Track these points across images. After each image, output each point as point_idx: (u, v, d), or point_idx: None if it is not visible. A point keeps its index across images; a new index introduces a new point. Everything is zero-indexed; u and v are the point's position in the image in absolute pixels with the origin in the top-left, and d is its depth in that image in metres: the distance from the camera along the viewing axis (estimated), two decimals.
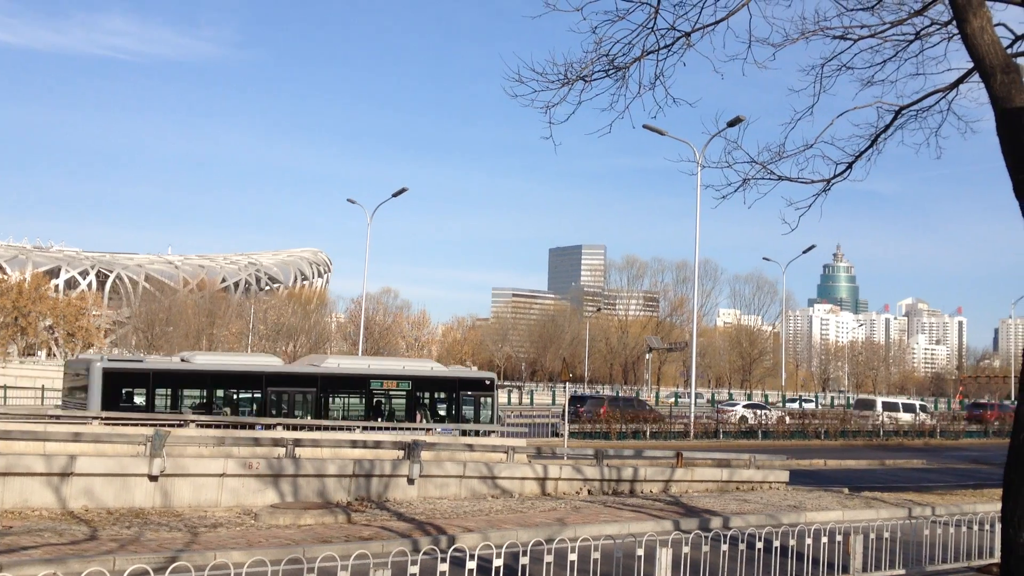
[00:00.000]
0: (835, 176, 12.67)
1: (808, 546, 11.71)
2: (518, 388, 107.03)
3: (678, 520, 17.63)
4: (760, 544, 11.27)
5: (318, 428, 28.63)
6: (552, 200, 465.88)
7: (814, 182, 12.67)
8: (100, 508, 16.16)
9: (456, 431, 30.40)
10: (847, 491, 24.52)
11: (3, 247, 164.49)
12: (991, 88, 9.30)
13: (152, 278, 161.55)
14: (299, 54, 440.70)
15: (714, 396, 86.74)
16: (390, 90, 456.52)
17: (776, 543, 11.68)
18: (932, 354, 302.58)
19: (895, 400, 71.97)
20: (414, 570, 8.47)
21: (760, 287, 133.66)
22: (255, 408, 30.30)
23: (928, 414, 64.04)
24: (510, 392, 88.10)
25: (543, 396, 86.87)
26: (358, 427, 28.95)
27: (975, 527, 14.19)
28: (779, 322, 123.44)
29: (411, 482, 19.57)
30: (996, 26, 9.74)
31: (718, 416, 53.05)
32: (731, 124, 16.89)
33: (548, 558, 9.54)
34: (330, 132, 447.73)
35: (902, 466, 37.17)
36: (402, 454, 21.62)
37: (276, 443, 22.88)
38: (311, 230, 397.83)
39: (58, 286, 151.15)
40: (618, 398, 55.33)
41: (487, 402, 33.97)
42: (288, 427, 31.58)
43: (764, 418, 51.11)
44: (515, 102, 11.56)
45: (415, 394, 32.82)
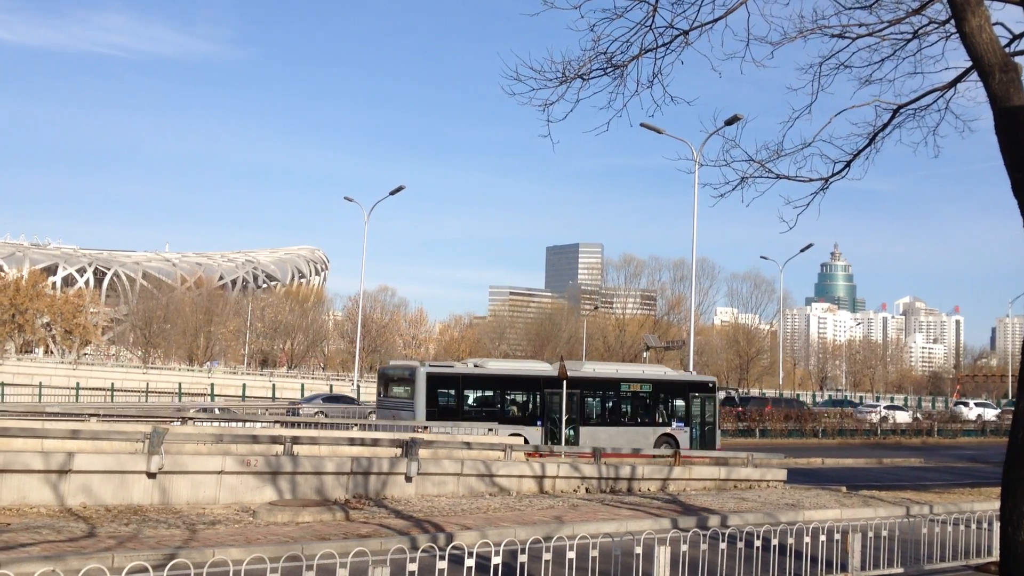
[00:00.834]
0: (833, 175, 12.66)
1: (806, 544, 11.72)
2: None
3: (676, 518, 17.65)
4: (758, 542, 11.28)
5: (316, 426, 28.64)
6: (549, 198, 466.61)
7: (812, 180, 12.66)
8: (98, 505, 16.15)
9: (689, 429, 35.45)
10: (845, 489, 24.54)
11: (0, 244, 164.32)
12: (989, 87, 9.30)
13: (149, 276, 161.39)
14: (296, 52, 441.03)
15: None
16: (387, 88, 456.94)
17: (774, 541, 11.70)
18: (929, 353, 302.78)
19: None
20: (413, 568, 8.48)
21: (758, 286, 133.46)
22: (533, 408, 33.96)
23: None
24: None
25: None
26: (617, 427, 34.58)
27: (973, 526, 14.20)
28: (776, 321, 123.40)
29: (409, 480, 19.58)
30: (994, 25, 9.73)
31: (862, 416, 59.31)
32: (729, 122, 16.86)
33: (546, 556, 9.56)
34: (327, 130, 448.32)
35: (900, 465, 37.23)
36: (400, 452, 21.63)
37: (274, 440, 22.88)
38: (308, 228, 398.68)
39: (55, 283, 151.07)
40: (780, 399, 61.02)
41: (711, 402, 36.89)
42: (286, 425, 31.62)
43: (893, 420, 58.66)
44: (513, 100, 11.56)
45: (656, 395, 36.12)
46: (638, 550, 9.99)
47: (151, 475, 16.82)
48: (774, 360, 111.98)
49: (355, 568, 8.56)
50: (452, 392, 33.14)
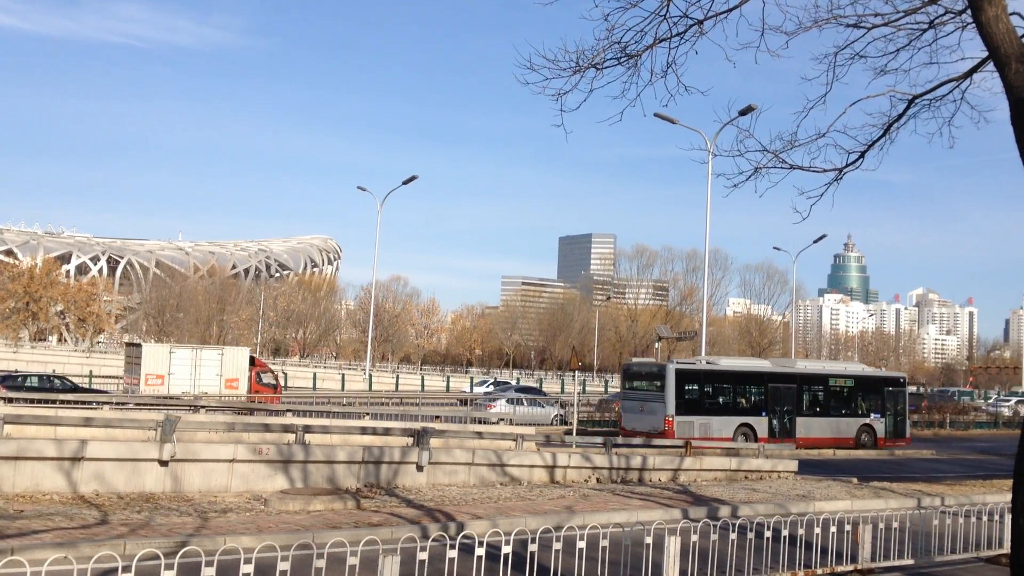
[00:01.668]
0: (847, 165, 12.58)
1: (817, 535, 11.71)
2: (528, 376, 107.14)
3: (687, 508, 17.65)
4: (768, 533, 11.26)
5: (328, 415, 28.73)
6: (562, 189, 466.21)
7: (826, 171, 12.58)
8: (111, 493, 16.24)
9: (884, 420, 38.80)
10: (856, 481, 24.50)
11: (15, 232, 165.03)
12: (1005, 77, 9.23)
13: (163, 264, 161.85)
14: (311, 42, 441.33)
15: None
16: (402, 78, 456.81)
17: (785, 532, 11.69)
18: (943, 344, 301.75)
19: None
20: (423, 556, 8.50)
21: (770, 276, 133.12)
22: (758, 401, 36.92)
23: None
24: (519, 380, 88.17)
25: (552, 384, 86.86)
26: (826, 417, 37.86)
27: (984, 517, 14.16)
28: (789, 312, 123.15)
29: (420, 469, 19.62)
30: (1011, 15, 9.66)
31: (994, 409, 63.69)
32: (743, 113, 16.77)
33: (557, 545, 9.56)
34: (341, 120, 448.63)
35: (911, 456, 37.12)
36: (411, 441, 21.68)
37: (286, 429, 22.97)
38: (321, 218, 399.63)
39: (69, 272, 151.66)
40: (942, 392, 64.36)
41: (902, 396, 40.20)
42: (297, 413, 31.74)
43: None
44: (526, 90, 11.50)
45: (856, 389, 39.40)
46: (648, 540, 9.99)
47: (163, 463, 16.90)
48: (786, 351, 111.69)
49: (365, 557, 8.59)
50: (695, 386, 36.03)
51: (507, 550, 9.14)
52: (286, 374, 70.74)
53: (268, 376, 51.59)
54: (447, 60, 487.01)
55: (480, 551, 8.89)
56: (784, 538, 11.83)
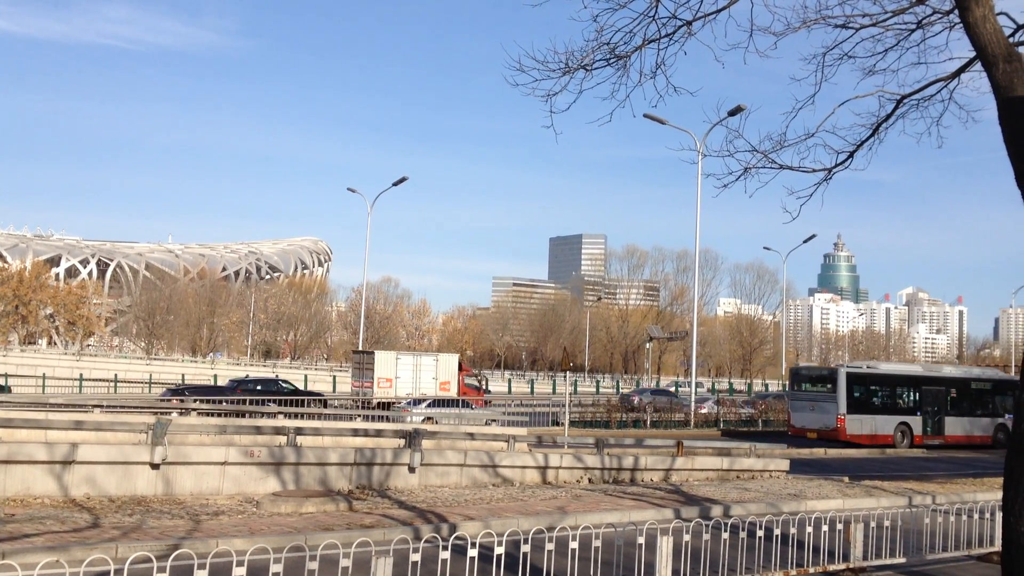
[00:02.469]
0: (837, 165, 12.63)
1: (808, 534, 11.74)
2: (519, 377, 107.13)
3: (679, 508, 17.67)
4: (760, 532, 11.30)
5: (320, 417, 28.68)
6: (553, 189, 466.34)
7: (815, 171, 12.62)
8: (102, 496, 16.19)
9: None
10: (847, 480, 24.56)
11: (4, 235, 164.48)
12: (993, 77, 9.27)
13: (153, 267, 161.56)
14: (301, 43, 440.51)
15: (714, 385, 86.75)
16: (391, 79, 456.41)
17: (776, 531, 11.71)
18: (933, 343, 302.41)
19: None
20: (415, 558, 8.51)
21: (761, 276, 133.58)
22: (913, 401, 40.26)
23: None
24: (510, 381, 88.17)
25: (544, 385, 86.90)
26: (969, 417, 41.30)
27: (976, 516, 14.21)
28: (780, 311, 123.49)
29: (412, 470, 19.61)
30: (998, 15, 9.70)
31: None
32: (732, 113, 16.84)
33: (549, 546, 9.57)
34: (331, 121, 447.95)
35: (902, 455, 37.23)
36: (403, 443, 21.67)
37: (278, 431, 22.94)
38: (312, 219, 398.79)
39: (59, 275, 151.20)
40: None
41: None
42: (289, 415, 31.69)
43: None
44: (516, 91, 11.54)
45: (993, 392, 42.42)
46: (641, 540, 10.00)
47: (155, 466, 16.86)
48: (777, 351, 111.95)
49: (358, 558, 8.59)
50: (862, 388, 39.28)
51: (500, 551, 9.15)
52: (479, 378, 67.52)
53: (472, 379, 56.96)
54: (437, 61, 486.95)
55: (473, 552, 8.90)
56: (776, 537, 11.85)
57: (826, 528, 11.96)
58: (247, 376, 59.71)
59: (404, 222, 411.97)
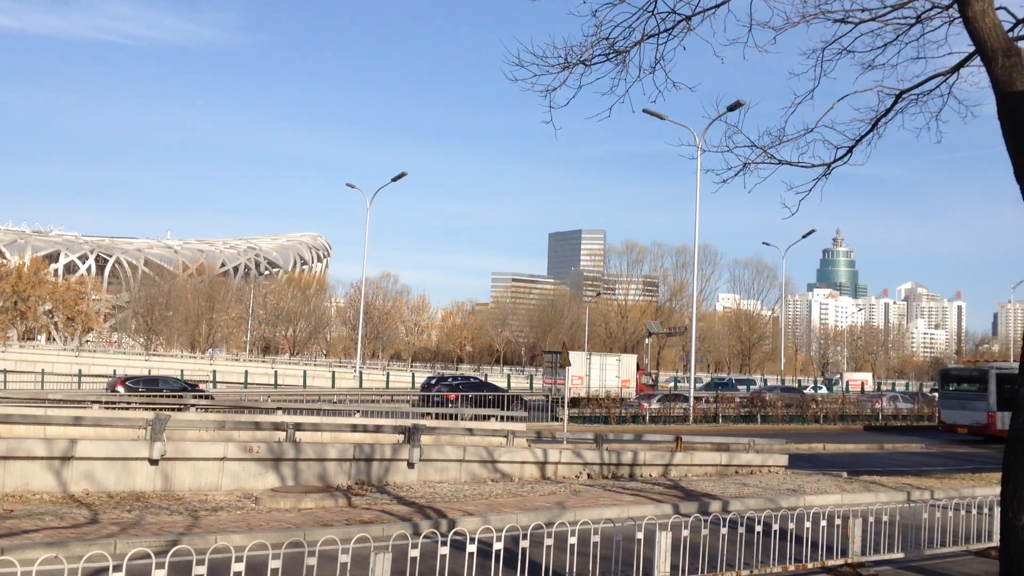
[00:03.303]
0: (835, 160, 12.62)
1: (807, 529, 11.74)
2: (518, 372, 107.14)
3: (677, 504, 17.68)
4: (759, 527, 11.29)
5: (319, 413, 28.69)
6: (552, 185, 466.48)
7: (814, 166, 12.62)
8: (101, 492, 16.20)
9: None
10: (846, 475, 24.57)
11: (2, 231, 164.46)
12: (992, 72, 9.26)
13: (151, 263, 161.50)
14: (301, 40, 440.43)
15: (713, 380, 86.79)
16: (390, 75, 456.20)
17: (775, 526, 11.72)
18: (931, 338, 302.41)
19: None
20: (414, 553, 8.51)
21: (759, 272, 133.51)
22: None
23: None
24: (509, 377, 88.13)
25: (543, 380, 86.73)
26: None
27: (974, 511, 14.22)
28: (778, 307, 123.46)
29: (411, 466, 19.62)
30: (997, 9, 9.69)
31: None
32: (731, 108, 16.87)
33: (548, 541, 9.57)
34: (330, 117, 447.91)
35: (901, 450, 37.24)
36: (402, 438, 21.67)
37: (277, 427, 22.94)
38: (311, 215, 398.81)
39: (57, 270, 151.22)
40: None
41: None
42: (288, 411, 31.72)
43: None
44: (515, 86, 11.56)
45: None
46: (639, 535, 10.01)
47: (153, 462, 16.86)
48: (776, 346, 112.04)
49: (357, 554, 8.59)
50: (1010, 386, 38.08)
51: (499, 546, 9.15)
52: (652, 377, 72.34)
53: (647, 378, 63.87)
54: (436, 56, 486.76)
55: (472, 548, 8.90)
56: (775, 532, 11.87)
57: (824, 523, 11.97)
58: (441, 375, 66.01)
59: (403, 218, 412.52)
